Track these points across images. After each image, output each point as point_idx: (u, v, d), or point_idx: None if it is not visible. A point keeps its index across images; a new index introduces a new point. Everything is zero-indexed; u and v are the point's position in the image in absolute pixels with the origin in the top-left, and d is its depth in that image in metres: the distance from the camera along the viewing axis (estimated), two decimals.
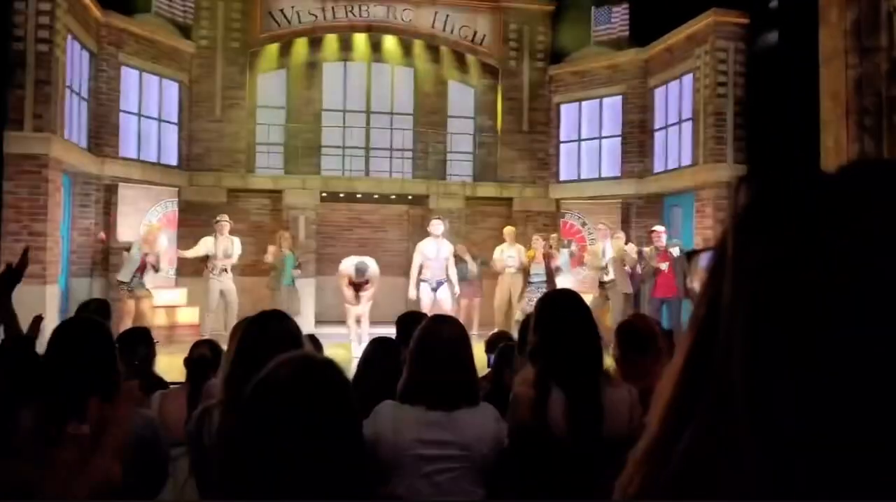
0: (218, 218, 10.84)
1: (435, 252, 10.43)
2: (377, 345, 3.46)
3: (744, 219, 0.54)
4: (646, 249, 10.50)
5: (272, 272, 10.91)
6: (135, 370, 3.73)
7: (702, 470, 0.52)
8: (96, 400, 1.60)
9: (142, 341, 4.07)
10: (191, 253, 10.77)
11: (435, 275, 10.36)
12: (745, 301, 0.51)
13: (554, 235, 12.08)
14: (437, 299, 10.26)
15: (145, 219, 11.71)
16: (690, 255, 9.38)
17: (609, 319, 10.00)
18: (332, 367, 1.39)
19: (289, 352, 1.41)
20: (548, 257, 11.24)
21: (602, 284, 10.74)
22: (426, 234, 14.02)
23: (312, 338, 3.99)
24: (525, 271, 11.59)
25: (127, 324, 9.20)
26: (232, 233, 10.88)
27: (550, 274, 11.16)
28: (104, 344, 2.34)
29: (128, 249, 10.12)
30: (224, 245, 10.71)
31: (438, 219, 10.88)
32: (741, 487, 0.50)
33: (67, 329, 2.44)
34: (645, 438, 0.58)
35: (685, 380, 0.56)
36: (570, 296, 2.85)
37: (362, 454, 1.39)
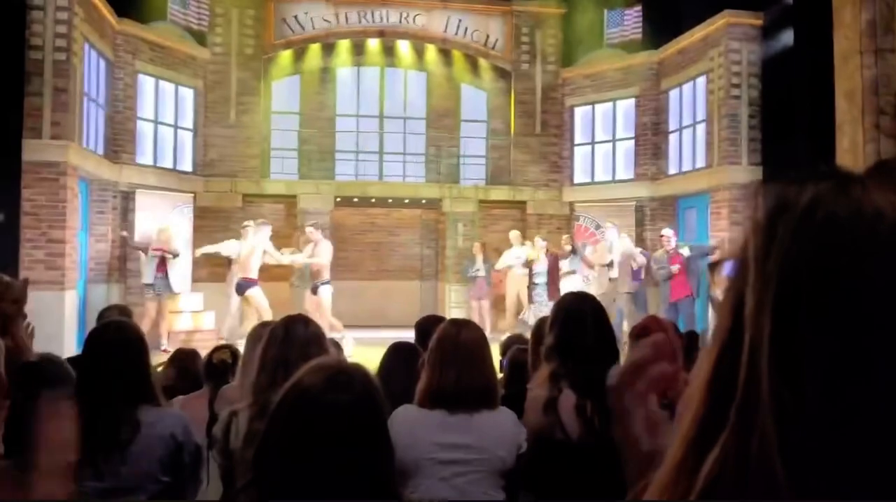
0: (245, 223, 10.94)
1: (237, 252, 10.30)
2: (396, 350, 3.46)
3: (765, 223, 0.53)
4: (656, 253, 10.49)
5: (295, 272, 11.03)
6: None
7: (726, 493, 0.49)
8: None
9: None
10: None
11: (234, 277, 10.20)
12: (770, 307, 0.49)
13: (566, 236, 12.07)
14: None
15: (161, 225, 11.81)
16: (712, 267, 9.32)
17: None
18: (363, 373, 1.40)
19: (319, 358, 1.42)
20: (552, 257, 11.28)
21: (609, 280, 10.80)
22: (440, 238, 14.12)
23: (333, 343, 4.01)
24: (530, 271, 11.66)
25: (147, 326, 9.40)
26: None
27: (553, 274, 11.20)
28: (138, 350, 2.37)
29: (145, 251, 10.49)
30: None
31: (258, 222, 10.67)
32: None
33: (102, 334, 2.46)
34: (667, 462, 0.55)
35: (710, 400, 0.53)
36: (587, 298, 2.86)
37: (392, 460, 1.40)
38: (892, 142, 6.85)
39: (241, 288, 9.72)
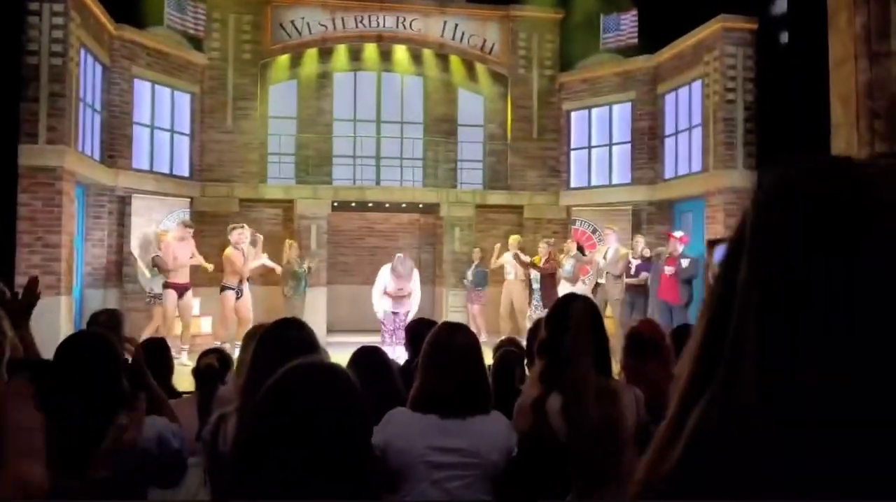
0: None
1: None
2: (360, 353, 3.46)
3: (765, 201, 0.55)
4: (660, 249, 10.50)
5: (290, 282, 11.01)
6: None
7: (708, 449, 0.52)
8: None
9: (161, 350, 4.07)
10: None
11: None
12: (761, 280, 0.52)
13: (567, 242, 12.09)
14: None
15: (158, 230, 11.79)
16: (712, 244, 9.30)
17: (611, 325, 10.04)
18: (339, 373, 1.40)
19: (298, 359, 1.42)
20: (548, 263, 11.28)
21: (596, 286, 10.82)
22: (438, 242, 14.11)
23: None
24: (527, 278, 11.66)
25: (150, 331, 9.38)
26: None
27: (549, 279, 11.20)
28: (109, 358, 2.34)
29: (155, 264, 10.42)
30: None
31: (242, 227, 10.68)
32: (745, 466, 0.50)
33: (71, 345, 2.41)
34: (665, 419, 0.59)
35: (701, 361, 0.56)
36: (584, 301, 2.87)
37: (370, 460, 1.40)
38: (886, 146, 6.86)
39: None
